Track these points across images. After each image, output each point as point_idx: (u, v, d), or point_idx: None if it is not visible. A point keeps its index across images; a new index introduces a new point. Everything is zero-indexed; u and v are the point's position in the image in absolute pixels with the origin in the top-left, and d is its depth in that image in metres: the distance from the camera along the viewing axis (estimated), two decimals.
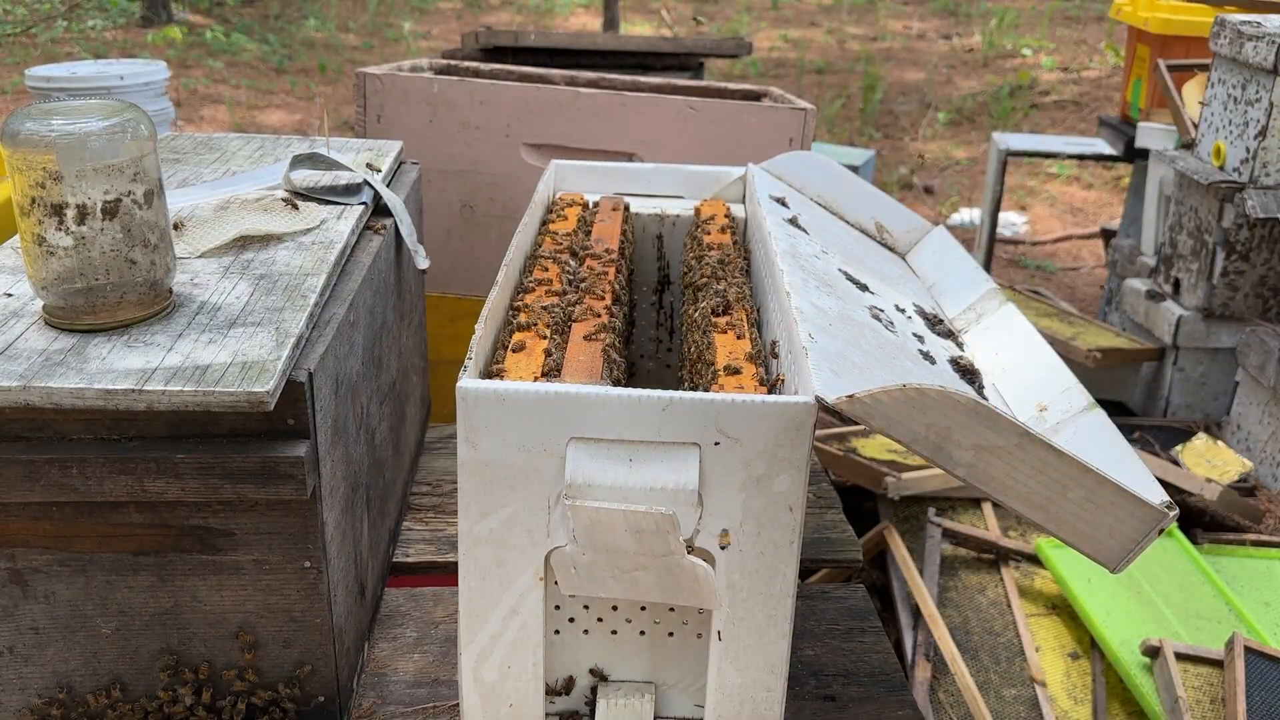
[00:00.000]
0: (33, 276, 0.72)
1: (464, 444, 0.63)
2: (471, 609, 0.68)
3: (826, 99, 5.46)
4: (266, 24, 7.17)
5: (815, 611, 0.96)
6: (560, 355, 0.72)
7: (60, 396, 0.65)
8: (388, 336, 1.00)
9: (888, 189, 4.03)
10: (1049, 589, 1.53)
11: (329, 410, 0.75)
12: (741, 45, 2.10)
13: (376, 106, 1.41)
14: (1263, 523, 1.77)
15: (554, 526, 0.65)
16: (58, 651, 0.75)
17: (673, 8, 8.00)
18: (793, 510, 0.64)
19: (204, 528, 0.72)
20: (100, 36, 6.39)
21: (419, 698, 0.84)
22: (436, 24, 7.49)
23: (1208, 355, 2.15)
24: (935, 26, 7.57)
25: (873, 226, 1.07)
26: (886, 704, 0.85)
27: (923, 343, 0.80)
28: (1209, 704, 1.26)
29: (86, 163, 0.69)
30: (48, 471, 0.68)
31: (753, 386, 0.70)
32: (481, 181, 1.44)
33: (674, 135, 1.40)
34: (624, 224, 0.99)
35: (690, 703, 0.73)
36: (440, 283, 1.47)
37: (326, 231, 0.91)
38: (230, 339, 0.72)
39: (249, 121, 4.93)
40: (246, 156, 1.12)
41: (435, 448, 1.20)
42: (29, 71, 1.75)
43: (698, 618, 0.71)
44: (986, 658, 1.40)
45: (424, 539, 1.03)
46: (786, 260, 0.80)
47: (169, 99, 1.88)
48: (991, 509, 1.70)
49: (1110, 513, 0.61)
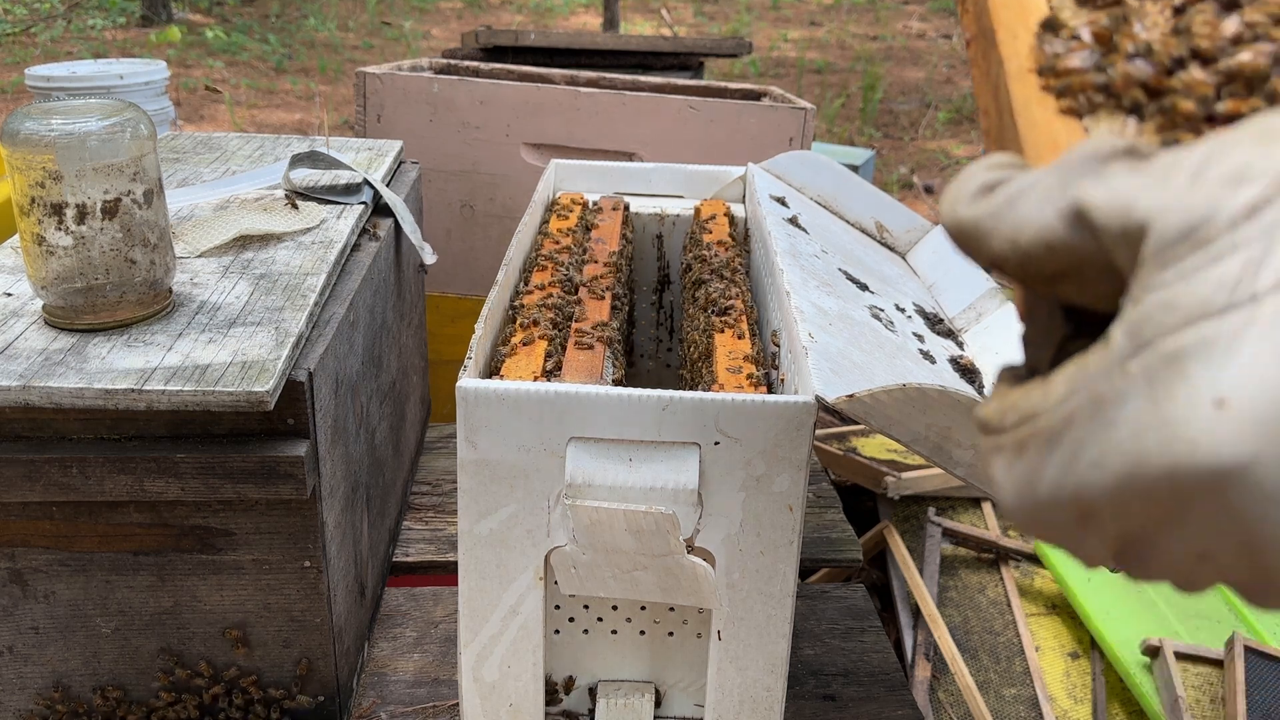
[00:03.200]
0: (32, 276, 0.72)
1: (464, 444, 0.63)
2: (471, 609, 0.68)
3: (826, 99, 5.46)
4: (266, 24, 7.17)
5: (815, 611, 0.96)
6: (560, 355, 0.72)
7: (60, 396, 0.65)
8: (388, 336, 1.00)
9: (888, 189, 4.03)
10: (1049, 589, 1.53)
11: (329, 410, 0.75)
12: (741, 45, 2.10)
13: (376, 106, 1.41)
14: None
15: (554, 526, 0.65)
16: (57, 651, 0.75)
17: (673, 7, 8.00)
18: (793, 510, 0.64)
19: (204, 527, 0.72)
20: (100, 36, 6.39)
21: (419, 697, 0.84)
22: (436, 24, 7.49)
23: None
24: (935, 26, 7.57)
25: (873, 226, 1.07)
26: (886, 703, 0.85)
27: (923, 342, 0.80)
28: (1209, 704, 1.26)
29: (86, 162, 0.69)
30: (47, 471, 0.68)
31: (752, 386, 0.70)
32: (481, 181, 1.44)
33: (674, 135, 1.40)
34: (624, 224, 0.99)
35: (690, 702, 0.73)
36: (440, 283, 1.47)
37: (326, 231, 0.91)
38: (230, 339, 0.72)
39: (249, 121, 4.93)
40: (246, 156, 1.12)
41: (435, 448, 1.20)
42: (29, 71, 1.75)
43: (698, 618, 0.71)
44: (986, 657, 1.40)
45: (424, 539, 1.03)
46: (786, 260, 0.80)
47: (169, 99, 1.88)
48: (991, 508, 1.70)
49: None
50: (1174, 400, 0.23)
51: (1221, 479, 0.22)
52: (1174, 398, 0.23)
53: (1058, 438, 0.26)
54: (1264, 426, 0.22)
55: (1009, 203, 0.28)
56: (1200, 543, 0.24)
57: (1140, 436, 0.23)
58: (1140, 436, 0.23)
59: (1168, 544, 0.24)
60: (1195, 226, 0.24)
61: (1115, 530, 0.25)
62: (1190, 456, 0.22)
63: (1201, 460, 0.22)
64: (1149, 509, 0.24)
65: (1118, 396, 0.24)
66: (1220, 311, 0.23)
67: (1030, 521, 0.27)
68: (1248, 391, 0.22)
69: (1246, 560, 0.23)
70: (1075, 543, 0.27)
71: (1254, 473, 0.22)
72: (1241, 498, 0.22)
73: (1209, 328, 0.23)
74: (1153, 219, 0.25)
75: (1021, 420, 0.27)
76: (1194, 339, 0.23)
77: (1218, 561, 0.24)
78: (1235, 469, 0.22)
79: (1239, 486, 0.22)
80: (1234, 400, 0.22)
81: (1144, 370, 0.24)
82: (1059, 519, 0.26)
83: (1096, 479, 0.24)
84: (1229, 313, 0.23)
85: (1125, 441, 0.24)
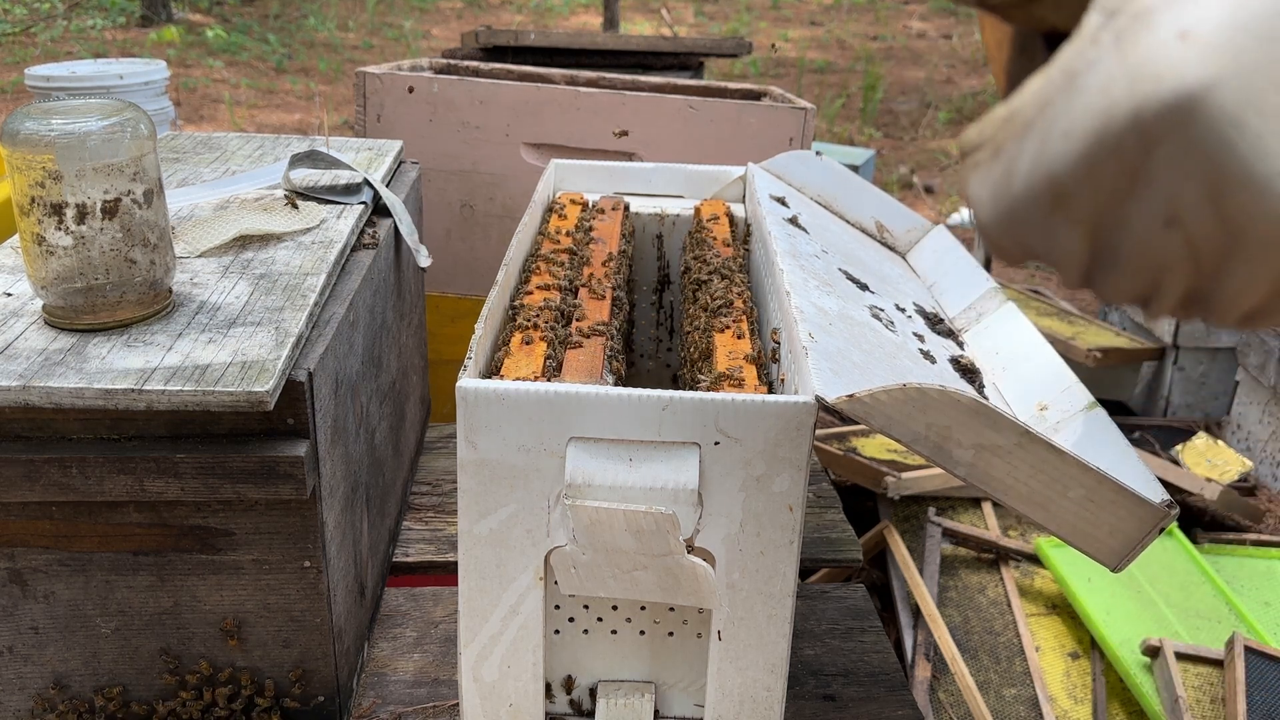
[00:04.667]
0: (32, 276, 0.72)
1: (464, 444, 0.63)
2: (471, 609, 0.68)
3: (826, 99, 5.46)
4: (266, 24, 7.17)
5: (815, 611, 0.96)
6: (560, 355, 0.72)
7: (60, 396, 0.65)
8: (388, 336, 1.00)
9: (888, 189, 4.03)
10: (1049, 589, 1.53)
11: (329, 410, 0.75)
12: (741, 45, 2.10)
13: (376, 106, 1.41)
14: (1263, 522, 1.77)
15: (554, 526, 0.65)
16: (57, 651, 0.75)
17: (673, 7, 8.00)
18: (793, 510, 0.64)
19: (204, 527, 0.72)
20: (100, 36, 6.39)
21: (419, 697, 0.84)
22: (436, 24, 7.49)
23: (1208, 355, 2.15)
24: (935, 26, 7.57)
25: (873, 226, 1.07)
26: (886, 704, 0.85)
27: (923, 342, 0.80)
28: (1209, 704, 1.26)
29: (86, 162, 0.69)
30: (47, 471, 0.68)
31: (752, 386, 0.70)
32: (481, 181, 1.44)
33: (674, 135, 1.40)
34: (624, 223, 0.99)
35: (690, 702, 0.73)
36: (440, 283, 1.47)
37: (326, 231, 0.91)
38: (230, 338, 0.72)
39: (249, 121, 4.93)
40: (246, 156, 1.12)
41: (435, 448, 1.20)
42: (29, 71, 1.75)
43: (698, 617, 0.71)
44: (986, 657, 1.40)
45: (424, 539, 1.03)
46: (786, 260, 0.80)
47: (169, 99, 1.88)
48: (991, 508, 1.70)
49: (1111, 512, 0.61)
50: (1140, 46, 0.23)
51: (1185, 105, 0.22)
52: (1140, 45, 0.24)
53: (1031, 124, 0.26)
54: (1224, 49, 0.22)
55: None
56: (1167, 200, 0.24)
57: (1108, 89, 0.24)
58: (1108, 89, 0.24)
59: (1137, 215, 0.25)
60: None
61: (1088, 210, 0.25)
62: (1155, 90, 0.23)
63: (1166, 89, 0.23)
64: (1118, 168, 0.24)
65: (1089, 65, 0.25)
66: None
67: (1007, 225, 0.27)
68: (1208, 20, 0.22)
69: (1212, 209, 0.23)
70: (1050, 241, 0.27)
71: (1216, 94, 0.22)
72: (1205, 125, 0.22)
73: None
74: None
75: (999, 124, 0.27)
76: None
77: (1186, 224, 0.24)
78: (1199, 91, 0.22)
79: (1202, 111, 0.22)
80: (1195, 29, 0.22)
81: (1114, 34, 0.24)
82: (1034, 214, 0.26)
83: (1067, 149, 0.25)
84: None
85: (1094, 100, 0.24)
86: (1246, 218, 0.23)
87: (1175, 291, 0.26)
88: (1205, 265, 0.24)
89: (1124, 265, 0.26)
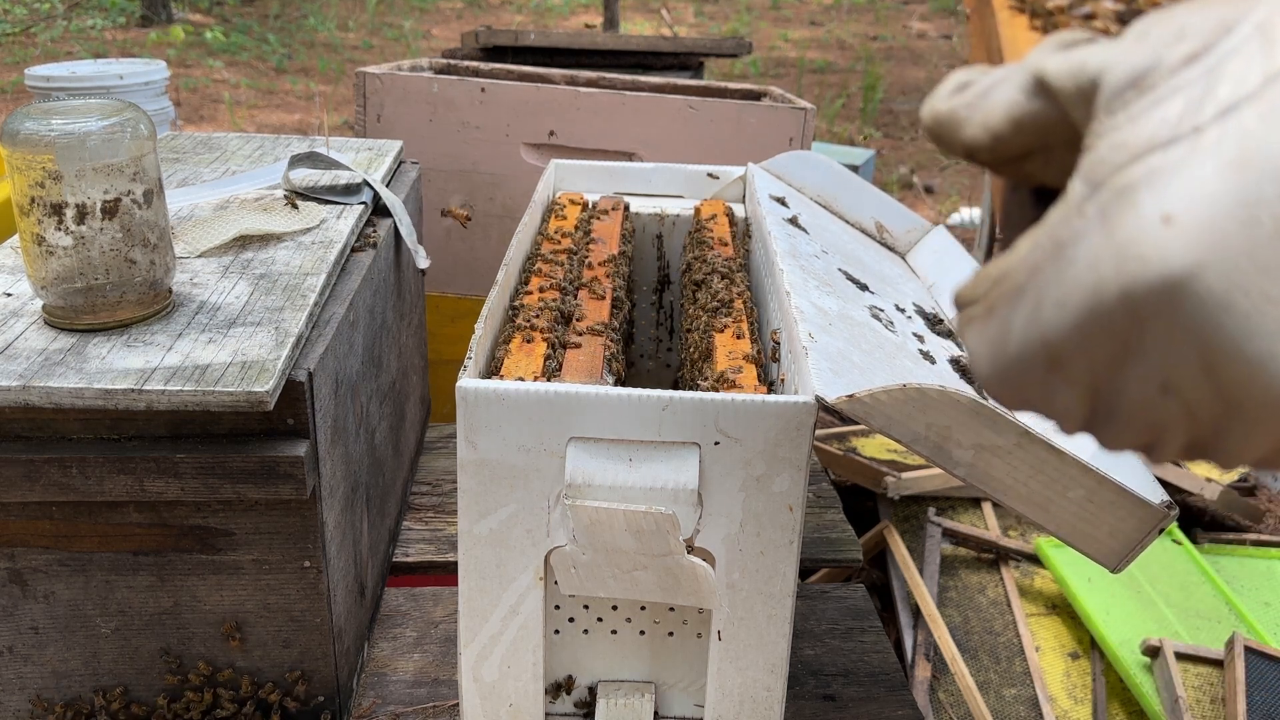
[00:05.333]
0: (32, 276, 0.72)
1: (464, 444, 0.63)
2: (471, 609, 0.68)
3: (826, 99, 5.46)
4: (266, 24, 7.17)
5: (815, 611, 0.96)
6: (560, 355, 0.72)
7: (60, 396, 0.65)
8: (388, 336, 1.00)
9: (888, 189, 4.03)
10: (1049, 589, 1.53)
11: (329, 410, 0.75)
12: (741, 45, 2.10)
13: (376, 106, 1.41)
14: (1263, 522, 1.77)
15: (554, 526, 0.65)
16: (57, 651, 0.75)
17: (673, 7, 8.00)
18: (793, 510, 0.64)
19: (204, 527, 0.72)
20: (100, 36, 6.39)
21: (419, 697, 0.84)
22: (436, 24, 7.49)
23: None
24: (935, 26, 7.57)
25: (873, 226, 1.07)
26: (886, 704, 0.85)
27: (923, 342, 0.80)
28: (1209, 704, 1.26)
29: (86, 162, 0.69)
30: (47, 471, 0.68)
31: (752, 386, 0.69)
32: (481, 181, 1.44)
33: (674, 135, 1.40)
34: (624, 223, 0.99)
35: (690, 702, 0.73)
36: (440, 283, 1.47)
37: (326, 231, 0.91)
38: (230, 339, 0.72)
39: (249, 121, 4.93)
40: (246, 156, 1.12)
41: (435, 448, 1.20)
42: (29, 71, 1.75)
43: (698, 618, 0.71)
44: (986, 657, 1.40)
45: (424, 539, 1.03)
46: (786, 260, 0.80)
47: (169, 99, 1.88)
48: (991, 509, 1.70)
49: (1110, 512, 0.61)
50: (1125, 226, 0.24)
51: (1172, 289, 0.23)
52: (1125, 224, 0.24)
53: (1023, 289, 0.26)
54: (1208, 235, 0.22)
55: (981, 93, 0.31)
56: (1162, 370, 0.24)
57: (1096, 266, 0.24)
58: (1096, 266, 0.24)
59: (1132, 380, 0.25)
60: (1141, 75, 0.26)
61: (1084, 374, 0.26)
62: (1142, 272, 0.23)
63: (1152, 272, 0.23)
64: (1111, 340, 0.24)
65: (1075, 236, 0.25)
66: (1166, 144, 0.24)
67: (1005, 382, 0.28)
68: (1192, 205, 0.23)
69: (1206, 380, 0.24)
70: (1048, 399, 0.27)
71: (1202, 279, 0.22)
72: (1193, 307, 0.23)
73: (1156, 159, 0.24)
74: (1103, 72, 0.26)
75: (992, 284, 0.28)
76: (1142, 170, 0.24)
77: (1182, 391, 0.24)
78: (1184, 276, 0.23)
79: (1190, 294, 0.23)
80: (1179, 215, 0.23)
81: (1098, 208, 0.25)
82: (1031, 374, 0.27)
83: (1060, 318, 0.25)
84: (1174, 144, 0.24)
85: (1083, 274, 0.25)
86: (1243, 391, 0.23)
87: (1176, 445, 0.26)
88: (1204, 427, 0.25)
89: (1123, 423, 0.26)
